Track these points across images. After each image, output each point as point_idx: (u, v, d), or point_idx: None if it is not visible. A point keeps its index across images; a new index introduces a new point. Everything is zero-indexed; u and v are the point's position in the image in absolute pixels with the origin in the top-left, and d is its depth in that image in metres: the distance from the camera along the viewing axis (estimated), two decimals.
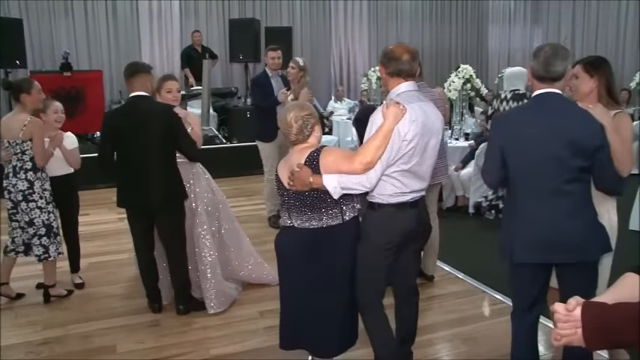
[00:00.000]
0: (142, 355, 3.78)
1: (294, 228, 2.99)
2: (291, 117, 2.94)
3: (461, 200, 7.15)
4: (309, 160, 2.88)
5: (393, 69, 2.99)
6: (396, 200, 2.95)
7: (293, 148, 3.02)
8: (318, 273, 2.95)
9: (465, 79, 7.97)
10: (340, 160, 2.84)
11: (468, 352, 3.78)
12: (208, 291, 4.34)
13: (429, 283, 4.85)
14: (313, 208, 2.91)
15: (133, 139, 4.07)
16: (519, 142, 2.79)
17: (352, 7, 13.25)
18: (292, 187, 2.88)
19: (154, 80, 4.30)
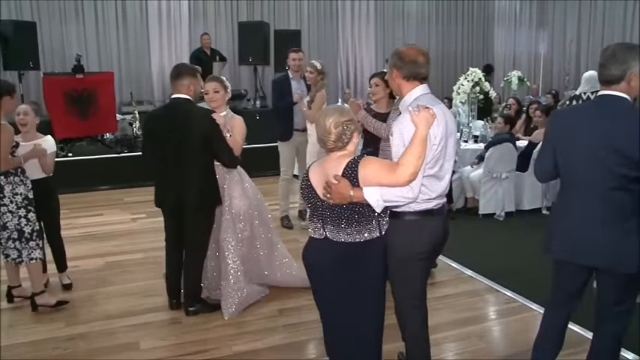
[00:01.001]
0: (166, 352, 3.87)
1: (328, 240, 2.80)
2: (331, 122, 2.75)
3: (470, 202, 7.23)
4: (348, 171, 2.73)
5: (409, 72, 2.92)
6: (420, 207, 2.87)
7: (329, 155, 2.85)
8: (352, 288, 2.79)
9: (474, 82, 8.07)
10: (382, 172, 2.70)
11: (484, 350, 3.87)
12: (229, 296, 4.35)
13: (441, 283, 4.93)
14: (351, 221, 2.74)
15: (167, 141, 4.13)
16: (570, 143, 2.83)
17: (359, 10, 13.35)
18: (329, 200, 2.72)
19: (198, 83, 4.25)
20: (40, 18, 10.67)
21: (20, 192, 4.34)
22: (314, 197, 2.84)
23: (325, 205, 2.78)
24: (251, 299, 4.52)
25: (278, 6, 12.49)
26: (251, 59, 10.48)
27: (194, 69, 4.37)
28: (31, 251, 4.37)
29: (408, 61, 2.91)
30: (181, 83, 4.14)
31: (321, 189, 2.77)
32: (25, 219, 4.34)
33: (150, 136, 4.29)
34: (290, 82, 6.47)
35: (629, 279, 2.82)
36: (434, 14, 14.25)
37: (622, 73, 2.69)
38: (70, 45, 11.09)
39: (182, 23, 11.91)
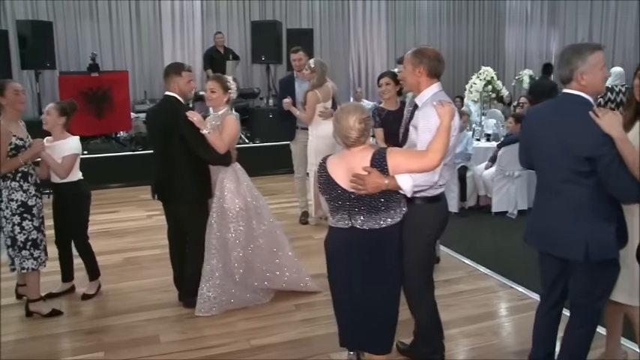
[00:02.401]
0: (185, 346, 3.95)
1: (355, 229, 2.96)
2: (355, 120, 2.89)
3: (483, 200, 7.28)
4: (376, 162, 2.90)
5: (433, 70, 3.16)
6: (434, 193, 3.15)
7: (349, 150, 2.99)
8: (379, 269, 2.99)
9: (487, 80, 8.11)
10: (411, 159, 2.94)
11: (498, 345, 3.93)
12: (202, 294, 4.36)
13: (455, 279, 4.99)
14: (380, 209, 2.93)
15: (150, 136, 4.48)
16: (533, 137, 3.05)
17: (370, 9, 13.39)
18: (361, 191, 2.87)
19: (183, 80, 4.34)
20: (55, 17, 10.78)
21: (16, 198, 4.20)
22: (337, 190, 2.98)
23: (353, 196, 2.92)
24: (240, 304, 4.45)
25: (290, 5, 12.55)
26: (264, 58, 10.55)
27: (179, 67, 4.46)
28: (23, 260, 4.24)
29: (434, 60, 3.17)
30: (167, 81, 4.38)
31: (345, 182, 2.93)
32: (18, 227, 4.21)
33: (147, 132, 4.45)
34: (294, 83, 6.55)
35: (596, 269, 2.89)
36: (445, 13, 14.26)
37: (570, 74, 2.83)
38: (84, 44, 11.20)
39: (195, 22, 12.00)
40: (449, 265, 5.35)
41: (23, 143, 4.24)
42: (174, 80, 4.33)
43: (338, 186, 2.97)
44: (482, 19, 14.69)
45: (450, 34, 14.34)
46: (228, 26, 12.10)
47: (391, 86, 4.98)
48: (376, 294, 3.02)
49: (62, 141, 4.53)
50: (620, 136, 2.68)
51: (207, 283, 4.36)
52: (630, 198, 2.81)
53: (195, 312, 4.35)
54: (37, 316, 4.39)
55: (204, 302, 4.35)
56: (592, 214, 2.83)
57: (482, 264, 5.34)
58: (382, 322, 3.09)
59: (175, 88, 4.34)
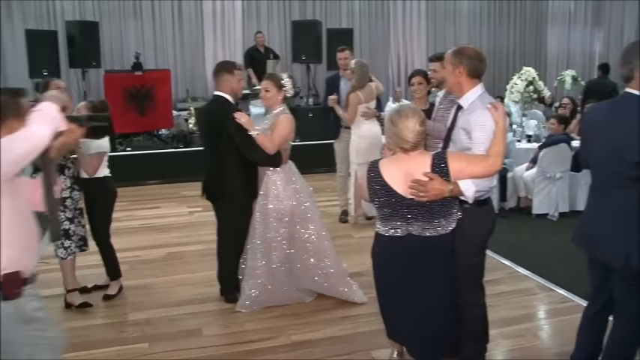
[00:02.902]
0: (228, 339, 4.03)
1: (412, 236, 2.89)
2: (415, 122, 2.83)
3: (523, 201, 7.21)
4: (436, 167, 2.83)
5: (474, 70, 3.09)
6: (485, 197, 3.08)
7: (403, 154, 2.91)
8: (436, 276, 2.95)
9: (528, 81, 8.03)
10: (474, 164, 2.86)
11: (537, 347, 3.91)
12: (244, 291, 4.44)
13: (496, 280, 4.97)
14: (440, 215, 2.87)
15: (201, 135, 4.57)
16: (590, 137, 2.99)
17: (410, 9, 13.34)
18: (422, 198, 2.79)
19: (235, 79, 4.40)
20: (101, 17, 11.05)
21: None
22: (393, 196, 2.88)
23: (412, 203, 2.83)
24: (277, 301, 4.48)
25: (330, 5, 12.60)
26: (304, 57, 10.61)
27: (231, 65, 4.51)
28: (55, 250, 4.38)
29: (475, 59, 3.09)
30: (219, 80, 4.41)
31: (403, 188, 2.84)
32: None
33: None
34: (339, 81, 6.59)
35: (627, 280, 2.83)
36: (485, 13, 14.11)
37: (630, 72, 2.77)
38: (128, 43, 11.46)
39: (236, 22, 12.15)
40: (489, 265, 5.19)
41: None
42: (226, 79, 4.36)
43: (394, 192, 2.87)
44: (523, 18, 14.50)
45: (491, 34, 14.19)
46: (269, 26, 12.22)
47: (423, 85, 5.08)
48: (434, 303, 2.97)
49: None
50: (503, 125, 2.74)
51: (250, 281, 4.42)
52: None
53: (237, 307, 4.43)
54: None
55: (245, 299, 4.42)
56: (639, 222, 2.75)
57: (522, 265, 5.30)
58: (440, 329, 3.03)
59: (227, 87, 4.37)
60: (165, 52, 11.81)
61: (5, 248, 2.28)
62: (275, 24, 12.36)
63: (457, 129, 3.15)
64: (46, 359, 2.43)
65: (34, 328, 2.40)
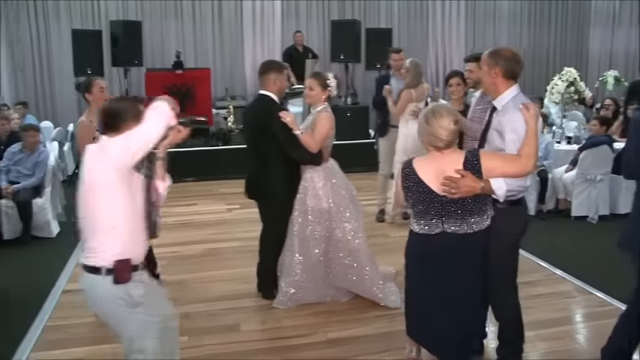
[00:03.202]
0: (265, 335, 4.13)
1: (446, 234, 2.93)
2: (449, 121, 2.87)
3: (562, 203, 7.13)
4: (469, 165, 2.88)
5: (510, 71, 3.13)
6: (518, 196, 3.11)
7: (437, 152, 2.95)
8: (469, 273, 2.99)
9: (569, 82, 7.93)
10: (507, 163, 2.92)
11: (575, 350, 3.90)
12: (282, 288, 4.51)
13: (534, 282, 4.94)
14: (474, 212, 2.91)
15: (245, 133, 4.64)
16: (633, 141, 3.02)
17: (450, 9, 13.25)
18: (454, 195, 2.84)
19: (285, 78, 4.52)
20: (143, 17, 11.27)
21: None
22: (427, 193, 2.93)
23: (445, 200, 2.89)
24: (314, 299, 4.54)
25: (369, 5, 12.60)
26: (342, 57, 10.65)
27: (280, 65, 4.62)
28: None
29: (511, 60, 3.12)
30: (267, 78, 4.43)
31: (436, 185, 2.89)
32: None
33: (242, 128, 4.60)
34: (389, 81, 6.64)
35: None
36: (526, 13, 13.91)
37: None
38: (169, 42, 11.64)
39: (275, 22, 12.23)
40: (526, 267, 5.26)
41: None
42: (275, 77, 4.42)
43: (428, 188, 2.92)
44: (565, 19, 14.25)
45: (531, 34, 13.99)
46: (308, 25, 12.28)
47: (461, 87, 5.17)
48: (466, 302, 3.00)
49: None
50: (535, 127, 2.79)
51: (287, 278, 4.48)
52: None
53: (274, 304, 4.50)
54: None
55: (282, 296, 4.49)
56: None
57: (560, 268, 5.26)
58: (468, 331, 3.08)
59: (274, 86, 4.42)
60: (205, 51, 11.96)
61: (119, 237, 2.63)
62: (314, 24, 12.41)
63: (491, 130, 3.20)
64: (151, 339, 2.74)
65: (140, 312, 2.71)
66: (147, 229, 2.81)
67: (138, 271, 2.75)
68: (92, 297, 2.73)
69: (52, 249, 6.06)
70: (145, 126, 2.60)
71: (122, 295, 2.66)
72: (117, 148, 2.57)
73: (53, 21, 11.09)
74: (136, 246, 2.72)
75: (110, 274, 2.64)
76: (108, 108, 2.79)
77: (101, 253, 2.65)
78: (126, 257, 2.66)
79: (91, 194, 2.63)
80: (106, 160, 2.58)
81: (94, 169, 2.62)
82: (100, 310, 2.81)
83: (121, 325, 2.76)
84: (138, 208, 2.73)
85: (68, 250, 5.79)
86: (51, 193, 6.72)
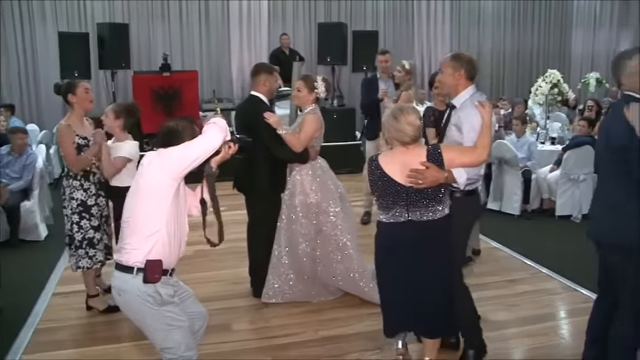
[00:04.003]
0: (256, 334, 4.18)
1: (412, 222, 3.17)
2: (415, 117, 3.13)
3: (547, 203, 7.25)
4: (431, 158, 3.13)
5: (470, 73, 3.44)
6: (472, 187, 3.41)
7: (406, 147, 3.16)
8: (435, 258, 3.22)
9: (553, 83, 8.06)
10: (464, 154, 3.20)
11: (560, 345, 4.00)
12: (268, 281, 4.58)
13: (520, 280, 5.05)
14: (435, 201, 3.16)
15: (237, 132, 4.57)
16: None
17: (435, 10, 13.34)
18: (420, 185, 3.08)
19: (275, 80, 4.62)
20: (130, 19, 11.25)
21: (77, 197, 4.33)
22: (393, 186, 3.16)
23: (411, 191, 3.13)
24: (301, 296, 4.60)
25: (355, 7, 12.67)
26: (329, 59, 10.72)
27: (270, 67, 4.72)
28: (79, 259, 4.35)
29: (471, 64, 3.46)
30: (257, 80, 4.58)
31: (402, 178, 3.12)
32: (77, 225, 4.32)
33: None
34: (378, 82, 6.69)
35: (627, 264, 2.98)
36: (509, 14, 14.04)
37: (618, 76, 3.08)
38: (156, 44, 11.61)
39: (262, 24, 12.25)
40: (512, 265, 5.41)
41: (86, 142, 4.38)
42: (265, 79, 4.54)
43: (394, 182, 3.15)
44: (547, 20, 14.41)
45: (515, 36, 14.12)
46: (294, 28, 12.31)
47: None
48: (434, 281, 3.22)
49: (119, 143, 4.55)
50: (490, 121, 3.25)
51: (273, 272, 4.56)
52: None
53: (262, 298, 4.58)
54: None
55: (268, 290, 4.57)
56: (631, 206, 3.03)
57: (545, 266, 5.37)
58: (442, 305, 3.29)
59: (264, 87, 4.55)
60: (192, 53, 11.95)
61: (157, 240, 2.77)
62: (300, 26, 12.45)
63: (450, 125, 3.47)
64: (179, 336, 2.87)
65: (168, 310, 2.84)
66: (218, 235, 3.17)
67: (168, 276, 2.88)
68: (122, 294, 2.84)
69: (41, 252, 6.06)
70: (204, 137, 2.82)
71: (151, 292, 2.79)
72: (176, 156, 2.77)
73: (39, 23, 11.00)
74: (171, 252, 2.85)
75: (141, 272, 2.76)
76: (167, 127, 2.95)
77: (135, 252, 2.79)
78: (158, 259, 2.78)
79: (141, 198, 2.81)
80: (163, 168, 2.78)
81: (150, 176, 2.81)
82: (128, 308, 2.90)
83: (148, 322, 2.86)
84: (181, 217, 2.93)
85: (57, 253, 5.82)
86: (39, 196, 6.71)
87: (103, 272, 4.69)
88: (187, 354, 2.92)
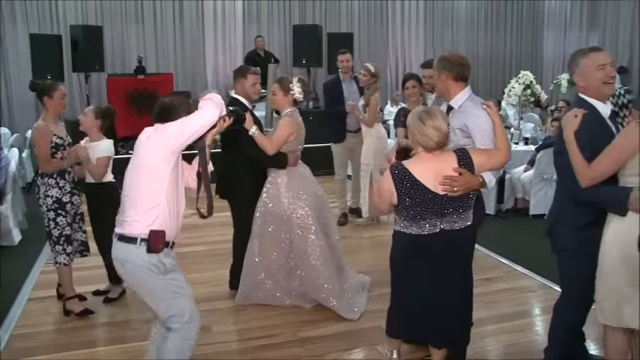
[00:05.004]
0: (236, 336, 4.19)
1: (444, 231, 3.04)
2: (442, 123, 2.97)
3: (521, 202, 7.36)
4: (463, 162, 3.01)
5: (458, 74, 3.35)
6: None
7: (431, 154, 3.01)
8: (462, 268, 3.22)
9: (526, 84, 8.18)
10: (492, 157, 3.12)
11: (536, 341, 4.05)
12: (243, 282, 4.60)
13: (496, 278, 5.15)
14: (466, 208, 3.07)
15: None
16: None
17: (409, 11, 13.47)
18: (455, 193, 2.96)
19: (248, 82, 4.59)
20: (103, 21, 11.16)
21: (52, 194, 4.37)
22: (427, 194, 2.98)
23: (444, 199, 2.99)
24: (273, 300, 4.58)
25: (330, 8, 12.74)
26: (304, 61, 10.76)
27: (245, 69, 4.74)
28: (57, 255, 4.43)
29: (458, 65, 3.36)
30: (235, 82, 4.69)
31: (435, 186, 2.98)
32: (53, 222, 4.38)
33: None
34: (341, 85, 6.71)
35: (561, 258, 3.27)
36: (483, 16, 14.26)
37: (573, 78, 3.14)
38: (130, 47, 11.57)
39: (236, 25, 12.27)
40: (488, 264, 5.48)
41: (62, 142, 4.48)
42: (240, 81, 4.61)
43: (428, 189, 2.98)
44: (520, 21, 14.64)
45: (488, 37, 14.33)
46: (269, 30, 12.35)
47: (417, 89, 5.37)
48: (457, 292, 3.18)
49: (96, 142, 4.55)
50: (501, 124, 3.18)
51: (248, 275, 4.57)
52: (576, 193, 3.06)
53: (235, 300, 4.61)
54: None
55: (241, 293, 4.61)
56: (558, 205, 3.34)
57: (520, 264, 5.47)
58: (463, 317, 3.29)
59: (240, 90, 4.62)
60: (166, 55, 11.92)
61: (159, 212, 2.88)
62: (275, 28, 12.49)
63: (451, 129, 3.27)
64: (184, 302, 3.00)
65: (172, 278, 2.98)
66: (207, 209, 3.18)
67: (169, 248, 3.00)
68: (126, 264, 2.94)
69: (15, 257, 5.98)
70: (202, 112, 2.90)
71: (155, 262, 2.89)
72: (173, 131, 2.86)
73: (8, 24, 10.86)
74: (171, 223, 2.96)
75: (144, 242, 2.86)
76: (164, 102, 3.04)
77: (138, 224, 2.89)
78: (161, 229, 2.88)
79: (141, 173, 2.92)
80: (161, 142, 2.87)
81: (149, 150, 2.90)
82: (131, 278, 3.01)
83: (152, 292, 2.97)
84: (179, 190, 3.01)
85: (32, 257, 5.77)
86: (12, 200, 6.62)
87: (75, 277, 4.62)
88: (191, 320, 3.03)
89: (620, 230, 2.83)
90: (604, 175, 2.83)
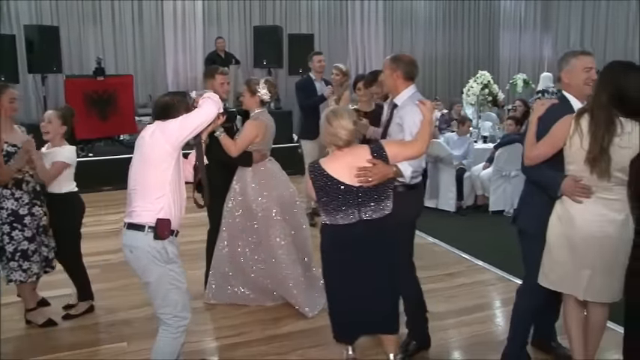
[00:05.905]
0: (205, 335, 4.22)
1: (363, 221, 3.14)
2: (349, 121, 3.12)
3: (480, 199, 7.53)
4: (377, 154, 3.14)
5: (408, 73, 3.57)
6: (414, 181, 3.54)
7: (340, 150, 3.16)
8: (387, 255, 3.22)
9: (483, 84, 8.39)
10: (406, 148, 3.25)
11: (496, 331, 4.21)
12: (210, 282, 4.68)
13: (457, 273, 5.29)
14: (384, 197, 3.16)
15: None
16: None
17: (368, 11, 13.60)
18: (370, 183, 3.08)
19: (216, 82, 4.61)
20: (59, 22, 10.97)
21: (7, 207, 4.08)
22: (342, 188, 3.12)
23: (359, 190, 3.12)
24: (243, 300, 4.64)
25: (290, 9, 12.79)
26: (265, 62, 10.79)
27: (213, 70, 4.80)
28: (11, 272, 4.12)
29: (409, 65, 3.59)
30: (204, 83, 4.77)
31: (350, 179, 3.11)
32: (7, 236, 4.08)
33: None
34: (314, 84, 6.82)
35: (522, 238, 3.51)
36: (441, 17, 14.49)
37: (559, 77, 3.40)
38: (87, 47, 11.39)
39: (196, 26, 12.21)
40: (449, 260, 5.63)
41: (15, 150, 4.10)
42: (208, 82, 4.66)
43: (343, 184, 3.11)
44: (477, 22, 14.94)
45: (446, 38, 14.57)
46: (230, 31, 12.32)
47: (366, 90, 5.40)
48: (386, 279, 3.24)
49: (58, 148, 4.31)
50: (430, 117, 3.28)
51: (215, 268, 4.63)
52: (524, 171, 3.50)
53: (204, 298, 4.65)
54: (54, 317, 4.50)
55: (208, 290, 4.66)
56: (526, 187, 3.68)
57: (480, 259, 5.62)
58: (394, 302, 3.34)
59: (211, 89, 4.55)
60: (125, 56, 11.77)
61: (164, 202, 3.09)
62: (236, 29, 12.46)
63: (393, 124, 3.58)
64: (177, 299, 3.20)
65: (171, 269, 3.16)
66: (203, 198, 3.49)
67: (174, 236, 3.20)
68: (134, 250, 3.12)
69: None
70: (202, 110, 3.15)
71: (159, 248, 3.09)
72: (176, 127, 3.10)
73: None
74: (175, 214, 3.15)
75: (152, 230, 3.06)
76: (162, 101, 3.26)
77: (145, 213, 3.09)
78: (167, 217, 3.09)
79: (147, 166, 3.13)
80: (165, 138, 3.09)
81: (154, 146, 3.11)
82: (137, 265, 3.16)
83: (153, 279, 3.15)
84: (181, 182, 3.23)
85: None
86: None
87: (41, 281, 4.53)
88: (182, 314, 3.23)
89: (562, 211, 3.15)
90: (541, 157, 3.17)
